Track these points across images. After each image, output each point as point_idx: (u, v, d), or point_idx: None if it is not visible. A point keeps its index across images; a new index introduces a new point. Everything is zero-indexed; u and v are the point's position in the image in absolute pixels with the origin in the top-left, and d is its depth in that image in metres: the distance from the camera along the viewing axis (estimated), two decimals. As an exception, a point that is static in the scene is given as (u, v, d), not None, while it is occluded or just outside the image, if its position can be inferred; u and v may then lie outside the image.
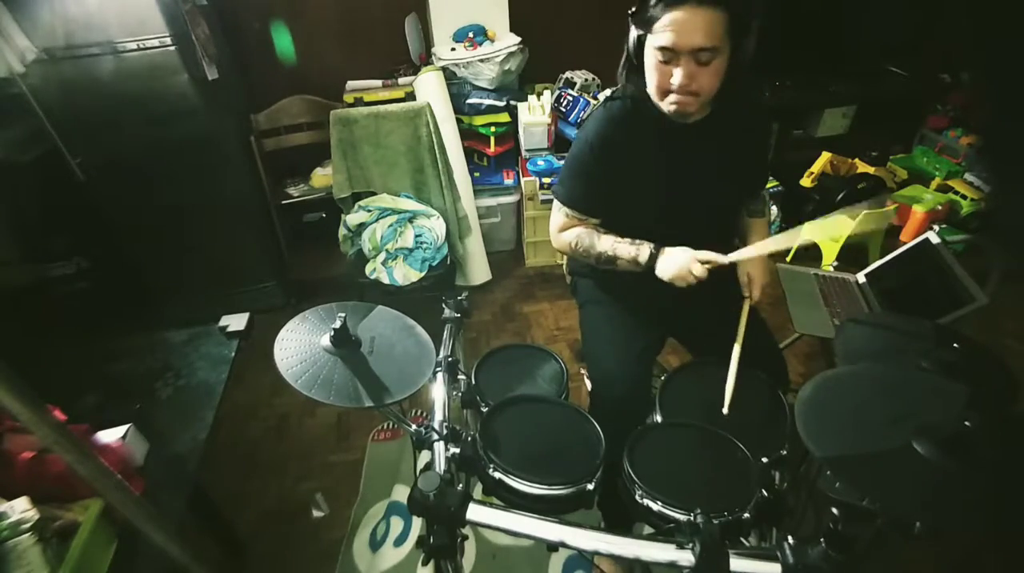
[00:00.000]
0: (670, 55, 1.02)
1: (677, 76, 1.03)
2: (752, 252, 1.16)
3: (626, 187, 1.21)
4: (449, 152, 2.40)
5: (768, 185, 2.79)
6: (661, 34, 1.01)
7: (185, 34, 2.02)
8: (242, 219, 2.39)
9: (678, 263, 1.14)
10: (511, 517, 0.84)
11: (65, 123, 1.99)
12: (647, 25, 1.03)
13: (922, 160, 3.17)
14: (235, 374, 1.36)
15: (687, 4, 0.98)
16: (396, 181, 2.40)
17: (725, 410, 1.09)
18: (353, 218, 2.37)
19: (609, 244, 1.24)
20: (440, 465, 1.00)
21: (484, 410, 1.14)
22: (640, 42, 1.08)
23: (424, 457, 1.04)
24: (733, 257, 1.14)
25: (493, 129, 2.66)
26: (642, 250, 1.20)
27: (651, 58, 1.06)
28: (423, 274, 2.30)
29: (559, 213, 1.30)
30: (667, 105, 1.09)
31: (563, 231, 1.30)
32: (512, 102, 2.63)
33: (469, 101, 2.62)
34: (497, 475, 0.97)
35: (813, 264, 2.24)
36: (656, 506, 0.92)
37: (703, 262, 1.12)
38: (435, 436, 1.03)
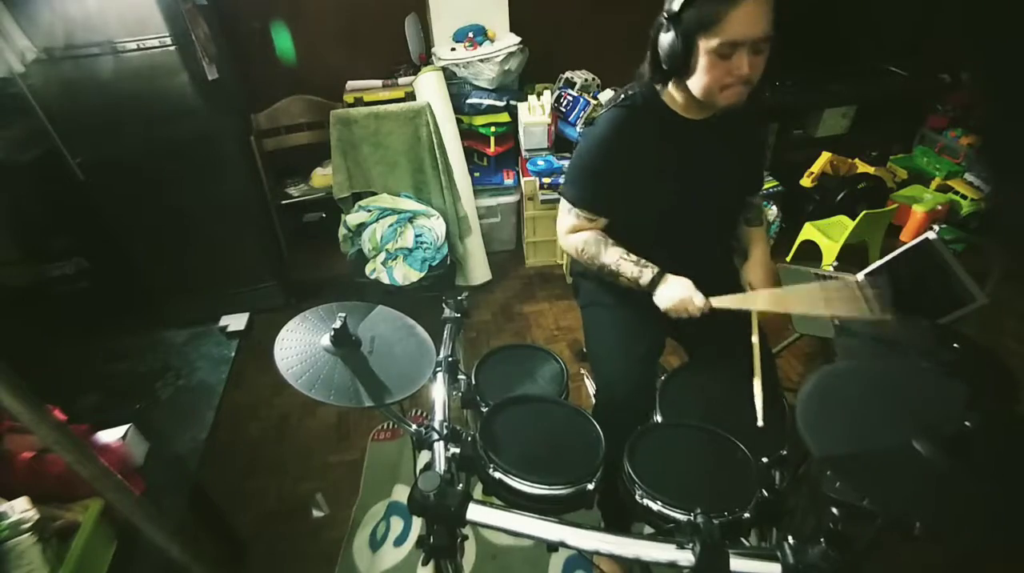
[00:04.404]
0: (730, 50, 1.02)
1: (742, 67, 1.03)
2: (735, 302, 1.17)
3: (638, 185, 1.22)
4: (449, 152, 2.40)
5: (768, 185, 2.79)
6: (724, 31, 1.00)
7: (185, 34, 2.02)
8: (242, 219, 2.39)
9: (677, 296, 1.17)
10: (511, 517, 0.84)
11: (65, 123, 1.99)
12: (703, 25, 1.02)
13: (922, 160, 3.17)
14: (235, 374, 1.37)
15: None
16: (396, 181, 2.40)
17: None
18: (353, 218, 2.37)
19: (614, 258, 1.24)
20: (440, 465, 1.00)
21: (484, 410, 1.14)
22: (687, 45, 1.05)
23: (424, 457, 1.04)
24: (717, 303, 1.16)
25: (493, 129, 2.66)
26: (645, 273, 1.21)
27: (705, 57, 1.05)
28: (423, 274, 2.31)
29: (569, 214, 1.29)
30: (724, 98, 1.09)
31: (572, 233, 1.30)
32: (512, 102, 2.63)
33: (469, 101, 2.62)
34: (497, 475, 0.97)
35: (813, 264, 2.24)
36: (656, 506, 0.93)
37: (700, 306, 1.15)
38: (435, 436, 1.02)
